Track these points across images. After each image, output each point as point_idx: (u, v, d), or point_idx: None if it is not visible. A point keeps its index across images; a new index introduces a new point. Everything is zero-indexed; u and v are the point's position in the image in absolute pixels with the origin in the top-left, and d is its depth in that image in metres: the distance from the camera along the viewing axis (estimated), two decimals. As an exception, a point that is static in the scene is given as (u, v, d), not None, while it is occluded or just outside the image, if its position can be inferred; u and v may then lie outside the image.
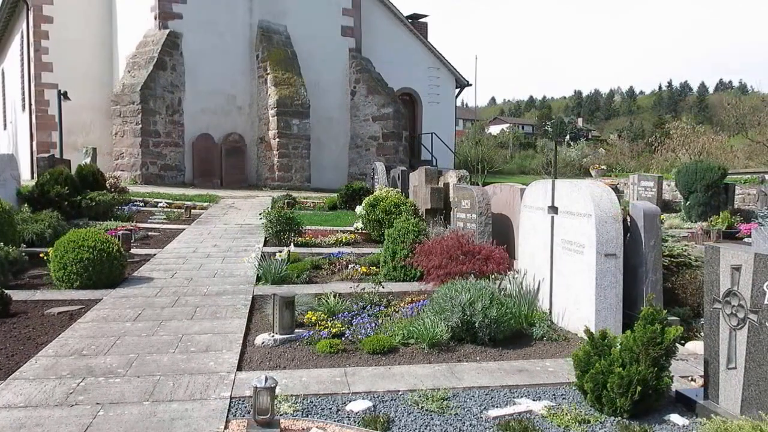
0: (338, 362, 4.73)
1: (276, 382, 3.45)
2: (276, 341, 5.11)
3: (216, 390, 4.05)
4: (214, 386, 4.11)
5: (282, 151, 20.66)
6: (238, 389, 4.08)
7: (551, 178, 6.15)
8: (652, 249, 5.68)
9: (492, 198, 8.59)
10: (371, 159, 22.15)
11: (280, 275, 7.30)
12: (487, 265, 6.66)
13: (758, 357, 3.46)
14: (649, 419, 3.79)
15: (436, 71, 27.94)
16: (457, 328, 5.22)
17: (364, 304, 6.20)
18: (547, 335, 5.50)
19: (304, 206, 15.75)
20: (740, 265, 3.58)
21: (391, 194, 10.92)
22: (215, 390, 4.05)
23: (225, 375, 4.33)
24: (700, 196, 15.11)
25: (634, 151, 42.79)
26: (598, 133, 78.57)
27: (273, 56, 21.27)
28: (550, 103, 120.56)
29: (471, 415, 3.80)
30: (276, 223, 9.76)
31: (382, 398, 4.02)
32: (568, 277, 5.79)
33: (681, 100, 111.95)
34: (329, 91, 23.28)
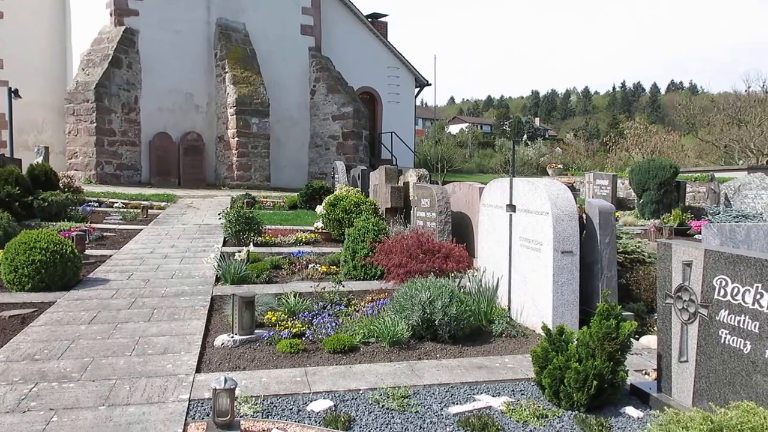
0: (299, 362, 4.71)
1: (236, 383, 3.42)
2: (236, 342, 5.06)
3: (174, 393, 3.99)
4: (173, 389, 4.05)
5: (241, 150, 20.45)
6: (197, 391, 4.02)
7: (509, 176, 6.23)
8: (607, 246, 5.80)
9: (451, 197, 8.66)
10: (332, 158, 22.11)
11: (240, 275, 7.23)
12: (447, 263, 6.71)
13: (708, 350, 3.56)
14: (605, 412, 3.87)
15: (396, 70, 28.01)
16: (417, 327, 5.25)
17: (324, 304, 6.18)
18: (506, 332, 5.57)
19: (264, 206, 15.63)
20: (691, 261, 3.68)
21: (351, 193, 10.91)
22: (173, 393, 3.99)
23: (183, 377, 4.27)
24: (653, 194, 15.49)
25: (589, 150, 43.65)
26: (554, 132, 79.93)
27: (232, 54, 21.04)
28: (508, 103, 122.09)
29: (431, 413, 3.83)
30: (235, 222, 9.66)
31: (343, 397, 4.02)
32: (527, 274, 5.87)
33: (634, 100, 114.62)
34: (289, 89, 23.14)
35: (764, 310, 3.19)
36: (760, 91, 38.74)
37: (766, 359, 3.18)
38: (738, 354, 3.36)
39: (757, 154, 33.86)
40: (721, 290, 3.46)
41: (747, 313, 3.29)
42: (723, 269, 3.45)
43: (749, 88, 39.73)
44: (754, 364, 3.26)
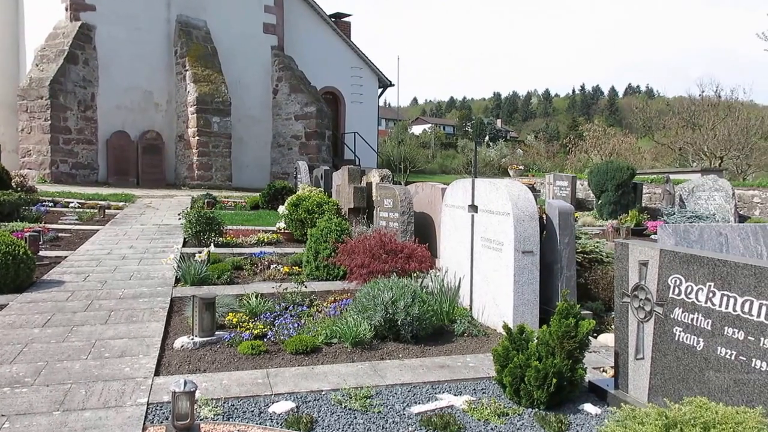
0: (261, 364, 4.67)
1: (196, 386, 3.36)
2: (196, 344, 4.99)
3: (132, 396, 3.91)
4: (130, 392, 3.98)
5: (202, 149, 20.20)
6: (156, 395, 3.95)
7: (471, 177, 6.28)
8: (566, 246, 5.89)
9: (414, 197, 8.69)
10: (294, 158, 22.00)
11: (200, 276, 7.13)
12: (410, 264, 6.73)
13: (663, 347, 3.65)
14: (564, 410, 3.93)
15: (359, 71, 28.00)
16: (380, 327, 5.25)
17: (286, 305, 6.14)
18: (468, 331, 5.61)
19: (225, 206, 15.46)
20: (647, 261, 3.76)
21: (314, 193, 10.87)
22: (131, 396, 3.91)
23: (142, 380, 4.20)
24: (611, 195, 15.79)
25: (550, 151, 44.34)
26: (516, 134, 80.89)
27: (192, 52, 20.77)
28: (471, 104, 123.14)
29: (394, 413, 3.83)
30: (196, 223, 9.52)
31: (305, 399, 4.00)
32: (488, 274, 5.93)
33: (593, 103, 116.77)
34: (251, 88, 22.94)
35: (716, 308, 3.28)
36: (713, 95, 39.82)
37: (718, 356, 3.27)
38: (691, 351, 3.44)
39: (710, 157, 34.81)
40: (676, 289, 3.54)
41: (700, 311, 3.38)
42: (677, 268, 3.54)
43: (703, 93, 40.79)
44: (707, 361, 3.34)
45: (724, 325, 3.23)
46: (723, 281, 3.25)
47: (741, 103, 38.24)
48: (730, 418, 2.61)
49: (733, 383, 3.19)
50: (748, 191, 16.73)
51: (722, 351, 3.25)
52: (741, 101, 38.64)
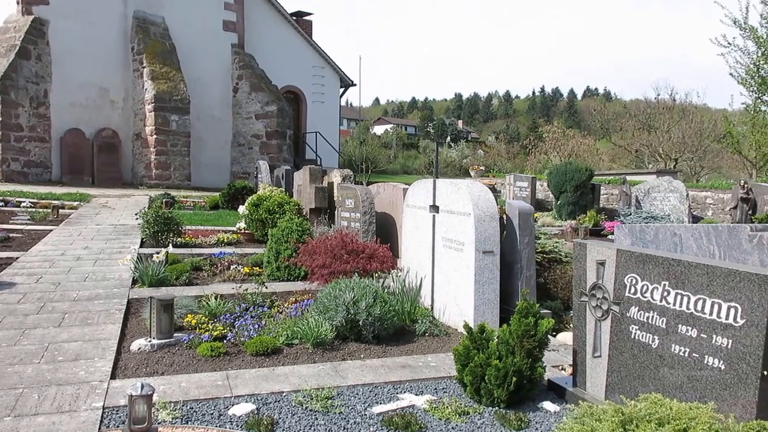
0: (220, 366, 4.61)
1: (153, 389, 3.31)
2: (153, 346, 4.90)
3: (87, 401, 3.82)
4: (85, 397, 3.88)
5: (160, 148, 19.86)
6: (112, 398, 3.87)
7: (433, 177, 6.31)
8: (526, 246, 5.96)
9: (376, 197, 8.69)
10: (255, 157, 21.80)
11: (158, 277, 7.01)
12: (371, 264, 6.72)
13: (620, 345, 3.72)
14: (524, 408, 3.98)
15: (320, 70, 27.89)
16: (341, 327, 5.24)
17: (247, 306, 6.08)
18: (430, 331, 5.64)
19: (184, 205, 15.24)
20: (604, 261, 3.83)
21: (275, 193, 10.78)
22: (86, 401, 3.82)
23: (97, 384, 4.10)
24: (569, 195, 16.05)
25: (510, 152, 44.85)
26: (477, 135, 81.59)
27: (150, 49, 20.41)
28: (432, 105, 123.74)
29: (355, 413, 3.83)
30: (153, 223, 9.35)
31: (265, 400, 3.96)
32: (449, 273, 5.96)
33: (553, 104, 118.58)
34: (211, 87, 22.66)
35: (671, 306, 3.36)
36: (668, 99, 40.84)
37: (672, 353, 3.35)
38: (647, 348, 3.52)
39: (665, 159, 35.68)
40: (632, 288, 3.61)
41: (655, 310, 3.45)
42: (633, 268, 3.61)
43: (658, 96, 41.85)
44: (662, 358, 3.42)
45: (678, 323, 3.31)
46: (677, 280, 3.33)
47: (695, 106, 39.33)
48: (684, 414, 2.67)
49: (686, 380, 3.27)
50: (701, 192, 17.20)
51: (676, 348, 3.33)
52: (695, 105, 39.76)
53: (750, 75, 20.36)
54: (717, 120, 33.82)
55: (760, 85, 20.14)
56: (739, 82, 20.82)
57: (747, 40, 20.22)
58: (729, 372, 3.04)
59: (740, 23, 20.00)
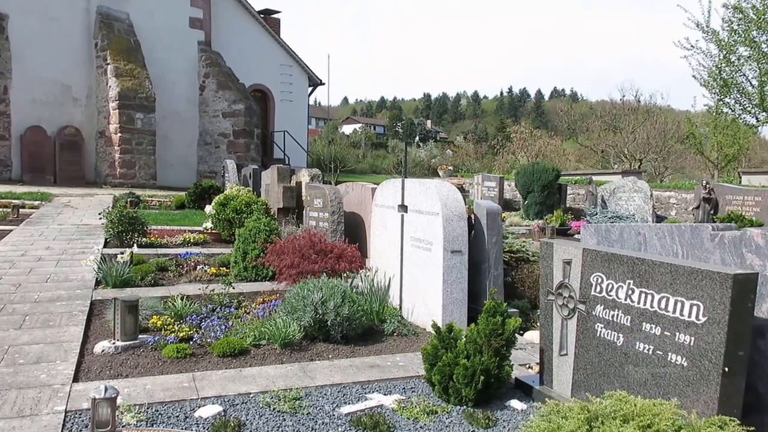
0: (186, 367, 4.55)
1: (117, 392, 3.25)
2: (118, 348, 4.82)
3: (49, 404, 3.74)
4: (47, 400, 3.79)
5: (124, 146, 19.52)
6: (75, 402, 3.79)
7: (401, 177, 6.32)
8: (494, 245, 6.00)
9: (344, 197, 8.67)
10: (222, 156, 21.56)
11: (123, 278, 6.89)
12: (340, 264, 6.71)
13: (586, 343, 3.76)
14: (491, 406, 4.00)
15: (288, 68, 27.71)
16: (309, 327, 5.21)
17: (213, 306, 6.02)
18: (398, 330, 5.64)
19: (149, 205, 15.00)
20: (571, 260, 3.87)
21: (242, 193, 10.68)
22: (48, 404, 3.74)
23: (59, 387, 4.01)
24: (536, 195, 16.22)
25: (478, 152, 45.17)
26: (445, 135, 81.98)
27: (114, 45, 20.04)
28: (401, 105, 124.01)
29: (324, 414, 3.81)
30: (118, 223, 9.19)
31: (233, 402, 3.92)
32: (417, 273, 5.97)
33: (521, 105, 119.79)
34: (177, 84, 22.36)
35: (635, 304, 3.41)
36: (633, 100, 41.57)
37: (636, 351, 3.40)
38: (612, 346, 3.57)
39: (630, 159, 36.30)
40: (598, 287, 3.66)
41: (620, 308, 3.50)
42: (599, 267, 3.66)
43: (624, 97, 42.56)
44: (626, 356, 3.47)
45: (643, 321, 3.36)
46: (641, 279, 3.38)
47: (659, 107, 40.10)
48: (648, 410, 2.71)
49: (650, 377, 3.32)
50: (665, 192, 17.54)
51: (641, 346, 3.38)
52: (659, 106, 40.54)
53: (712, 77, 20.81)
54: (680, 121, 34.53)
55: (721, 87, 20.60)
56: (702, 84, 21.28)
57: (709, 43, 20.69)
58: (692, 369, 3.09)
59: (703, 26, 20.44)
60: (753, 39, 19.44)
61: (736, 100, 20.75)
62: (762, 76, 19.45)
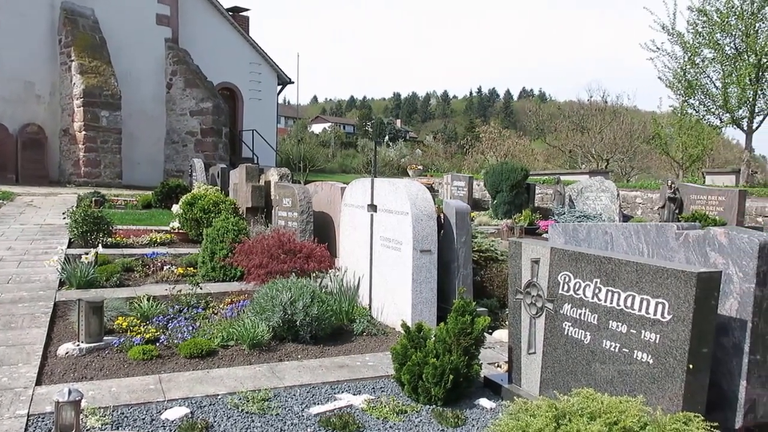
0: (153, 369, 4.48)
1: (81, 395, 3.18)
2: (82, 350, 4.73)
3: (10, 408, 3.65)
4: (8, 404, 3.70)
5: (89, 144, 19.14)
6: (38, 405, 3.71)
7: (371, 177, 6.31)
8: (463, 245, 6.03)
9: (314, 196, 8.63)
10: (189, 155, 21.30)
11: (87, 279, 6.77)
12: (309, 263, 6.67)
13: (554, 342, 3.80)
14: (461, 405, 4.02)
15: (257, 67, 27.49)
16: (278, 328, 5.18)
17: (181, 307, 5.94)
18: (368, 330, 5.63)
19: (115, 204, 14.76)
20: (539, 259, 3.90)
21: (210, 192, 10.56)
22: (9, 408, 3.64)
23: (21, 391, 3.92)
24: (505, 195, 16.34)
25: (448, 152, 45.38)
26: (415, 134, 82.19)
27: (79, 41, 19.66)
28: (371, 104, 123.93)
29: (293, 414, 3.78)
30: (82, 222, 9.01)
31: (200, 403, 3.87)
32: (387, 273, 5.97)
33: (490, 105, 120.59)
34: (143, 82, 22.01)
35: (602, 303, 3.45)
36: (600, 101, 42.16)
37: (603, 349, 3.44)
38: (579, 344, 3.60)
39: (597, 159, 36.79)
40: (565, 285, 3.70)
41: (587, 306, 3.54)
42: (567, 266, 3.69)
43: (591, 98, 43.16)
44: (593, 354, 3.51)
45: (609, 319, 3.41)
46: (608, 277, 3.42)
47: (626, 108, 40.74)
48: (614, 407, 2.74)
49: (617, 374, 3.36)
50: (631, 192, 17.82)
51: (607, 344, 3.42)
52: (626, 107, 41.18)
53: (677, 79, 21.21)
54: (646, 122, 35.12)
55: (686, 88, 21.01)
56: (667, 85, 21.68)
57: (674, 45, 21.09)
58: (657, 366, 3.14)
59: (668, 29, 20.82)
60: (717, 41, 19.87)
61: (701, 101, 21.19)
62: (725, 78, 19.89)
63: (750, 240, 3.23)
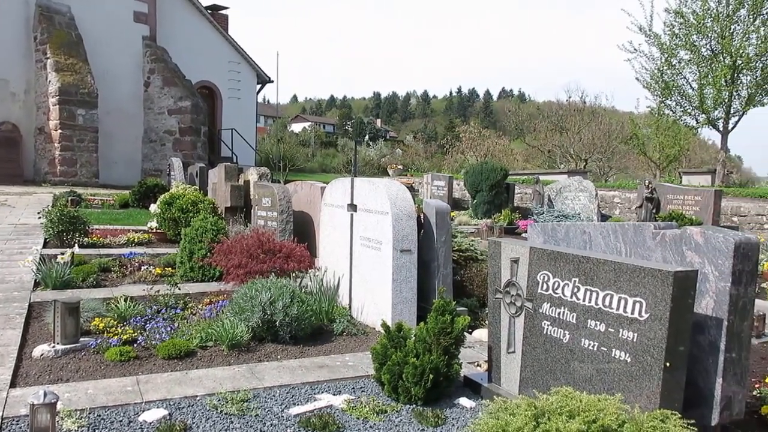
0: (130, 370, 4.43)
1: (57, 397, 3.14)
2: (58, 352, 4.66)
3: (-17, 411, 3.58)
4: (-19, 407, 3.64)
5: (65, 143, 18.89)
6: (12, 408, 3.65)
7: (351, 176, 6.30)
8: (443, 244, 6.04)
9: (293, 196, 8.60)
10: (167, 154, 21.10)
11: (63, 279, 6.68)
12: (289, 263, 6.65)
13: (533, 341, 3.82)
14: (441, 404, 4.02)
15: (237, 65, 27.32)
16: (258, 328, 5.15)
17: (159, 308, 5.88)
18: (348, 330, 5.62)
19: (91, 204, 14.59)
20: (518, 258, 3.92)
21: (188, 192, 10.48)
22: (-18, 411, 3.58)
23: (-6, 393, 3.86)
24: (485, 195, 16.41)
25: (428, 152, 45.47)
26: (395, 134, 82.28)
27: (55, 39, 19.38)
28: (351, 103, 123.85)
29: (272, 415, 3.76)
30: (58, 222, 8.89)
31: (178, 405, 3.84)
32: (367, 272, 5.96)
33: (470, 105, 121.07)
34: (121, 80, 21.76)
35: (581, 302, 3.47)
36: (579, 101, 42.51)
37: (582, 347, 3.47)
38: (558, 343, 3.63)
39: (576, 159, 37.09)
40: (544, 285, 3.72)
41: (566, 305, 3.57)
42: (546, 265, 3.71)
43: (570, 98, 43.50)
44: (572, 352, 3.53)
45: (588, 318, 3.43)
46: (586, 277, 3.45)
47: (604, 109, 41.09)
48: (593, 406, 2.76)
49: (595, 372, 3.39)
50: (609, 192, 17.99)
51: (586, 343, 3.44)
52: (604, 107, 41.54)
53: (654, 80, 21.42)
54: (624, 122, 35.41)
55: (663, 89, 21.23)
56: (645, 86, 21.89)
57: (652, 46, 21.30)
58: (635, 364, 3.17)
59: (645, 30, 21.03)
60: (693, 43, 20.11)
61: (677, 102, 21.42)
62: (701, 79, 20.14)
63: (725, 239, 3.27)
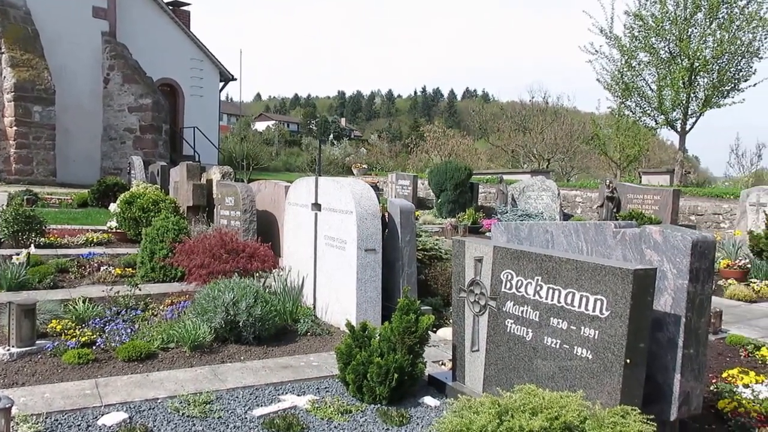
0: (89, 373, 4.34)
1: (12, 402, 3.05)
2: (12, 355, 4.54)
3: (-67, 418, 3.46)
4: (-69, 413, 3.51)
5: (21, 141, 18.41)
6: (-37, 414, 3.53)
7: (315, 175, 6.26)
8: (408, 244, 6.05)
9: (257, 195, 8.52)
10: (128, 153, 20.71)
11: (18, 281, 6.50)
12: (252, 263, 6.58)
13: (497, 339, 3.85)
14: (405, 404, 4.03)
15: (199, 63, 26.95)
16: (220, 329, 5.09)
17: (119, 309, 5.77)
18: (312, 330, 5.59)
19: (48, 203, 14.24)
20: (482, 257, 3.95)
21: (149, 191, 10.30)
22: (-68, 418, 3.46)
23: (-55, 399, 3.73)
24: (449, 194, 16.49)
25: (392, 151, 45.53)
26: (360, 133, 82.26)
27: (10, 33, 18.87)
28: (315, 102, 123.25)
29: (235, 417, 3.72)
30: (13, 222, 8.65)
31: (139, 408, 3.77)
32: (331, 272, 5.94)
33: (434, 105, 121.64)
34: (79, 76, 21.28)
35: (543, 300, 3.51)
36: (541, 101, 43.06)
37: (544, 345, 3.50)
38: (521, 341, 3.66)
39: (539, 159, 37.56)
40: (508, 283, 3.75)
41: (529, 304, 3.60)
42: (509, 264, 3.74)
43: (533, 99, 44.05)
44: (535, 350, 3.57)
45: (550, 316, 3.47)
46: (549, 275, 3.49)
47: (566, 109, 41.76)
48: (555, 403, 2.80)
49: (558, 370, 3.43)
50: (571, 191, 18.25)
51: (548, 340, 3.48)
52: (566, 108, 42.21)
53: (615, 81, 21.82)
54: (586, 123, 35.99)
55: (623, 90, 21.63)
56: (605, 87, 22.29)
57: (612, 48, 21.69)
58: (596, 361, 3.21)
59: (606, 32, 21.39)
60: (652, 45, 20.55)
61: (637, 103, 21.87)
62: (660, 80, 20.59)
63: (683, 238, 3.34)
